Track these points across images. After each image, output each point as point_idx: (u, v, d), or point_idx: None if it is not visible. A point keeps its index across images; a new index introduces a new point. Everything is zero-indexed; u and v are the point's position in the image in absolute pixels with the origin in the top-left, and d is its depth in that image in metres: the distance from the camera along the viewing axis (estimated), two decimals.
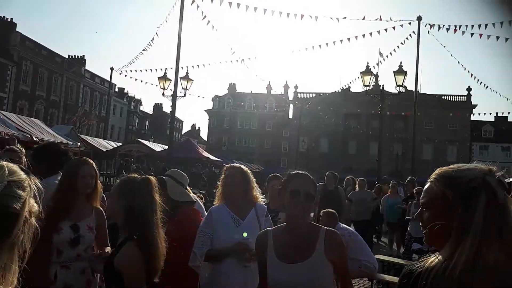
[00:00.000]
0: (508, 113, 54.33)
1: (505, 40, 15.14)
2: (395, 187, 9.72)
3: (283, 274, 1.93)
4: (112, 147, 21.74)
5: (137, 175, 2.35)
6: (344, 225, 3.94)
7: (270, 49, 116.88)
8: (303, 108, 44.27)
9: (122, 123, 54.25)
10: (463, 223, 1.14)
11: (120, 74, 20.05)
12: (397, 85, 13.43)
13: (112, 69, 22.99)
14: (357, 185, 9.57)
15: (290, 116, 54.83)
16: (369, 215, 9.17)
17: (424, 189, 1.31)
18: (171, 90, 13.99)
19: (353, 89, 34.09)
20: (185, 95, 14.96)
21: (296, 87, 52.83)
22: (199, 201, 3.56)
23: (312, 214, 2.71)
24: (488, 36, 14.37)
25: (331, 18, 14.16)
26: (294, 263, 1.93)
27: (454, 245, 1.13)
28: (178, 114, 69.49)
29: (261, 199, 2.99)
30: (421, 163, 36.15)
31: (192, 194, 3.33)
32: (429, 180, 1.29)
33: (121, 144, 25.84)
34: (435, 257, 1.17)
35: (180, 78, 14.03)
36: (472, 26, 14.96)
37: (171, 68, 14.07)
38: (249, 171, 2.99)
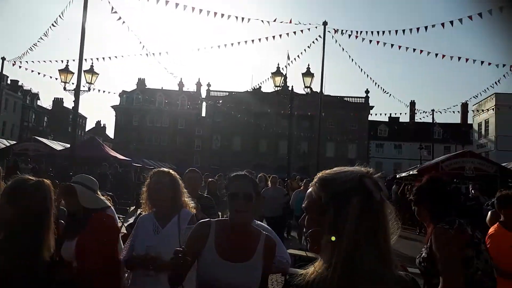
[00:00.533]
0: (400, 114, 60.55)
1: (399, 48, 16.83)
2: (308, 183, 10.18)
3: (221, 272, 1.91)
4: (5, 146, 19.54)
5: (31, 178, 2.10)
6: (259, 222, 4.02)
7: (182, 45, 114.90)
8: (216, 106, 44.32)
9: (15, 119, 48.97)
10: (335, 226, 1.10)
11: (13, 65, 17.98)
12: (305, 87, 14.10)
13: (3, 59, 20.63)
14: (269, 182, 9.84)
15: (203, 114, 54.50)
16: (280, 211, 9.50)
17: (306, 193, 1.28)
18: (73, 84, 12.99)
19: (264, 89, 35.06)
20: (89, 89, 14.02)
21: (208, 85, 52.67)
22: (111, 206, 3.35)
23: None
24: (384, 43, 15.80)
25: (243, 18, 14.33)
26: (234, 263, 1.93)
27: (330, 251, 1.10)
28: (81, 110, 64.78)
29: (191, 205, 2.87)
30: (325, 160, 38.48)
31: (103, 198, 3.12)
32: (310, 184, 1.27)
33: (15, 142, 23.43)
34: (313, 267, 1.14)
35: (84, 71, 13.08)
36: (372, 32, 16.33)
37: (74, 60, 13.06)
38: (178, 176, 2.87)
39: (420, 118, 44.52)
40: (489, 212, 5.26)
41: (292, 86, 15.58)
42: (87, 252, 2.59)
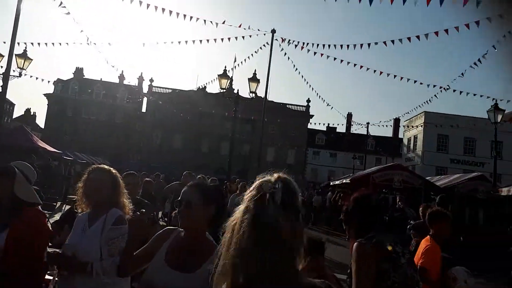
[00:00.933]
0: (338, 124, 63.30)
1: (340, 61, 17.60)
2: (245, 186, 10.22)
3: (160, 276, 1.86)
4: None
5: None
6: None
7: (125, 38, 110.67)
8: (157, 103, 43.19)
9: None
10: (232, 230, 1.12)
11: None
12: (250, 91, 14.24)
13: None
14: None
15: (144, 110, 52.84)
16: None
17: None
18: (2, 67, 12.03)
19: (209, 90, 34.85)
20: (20, 75, 13.06)
21: (151, 80, 51.22)
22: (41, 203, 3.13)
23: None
24: (328, 56, 16.42)
25: (191, 17, 14.14)
26: (176, 271, 1.87)
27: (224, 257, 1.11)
28: (9, 96, 59.87)
29: (129, 207, 2.72)
30: (265, 164, 39.12)
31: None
32: None
33: None
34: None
35: (16, 55, 12.16)
36: (318, 45, 16.92)
37: (5, 43, 12.09)
38: (118, 175, 2.73)
39: (356, 130, 46.82)
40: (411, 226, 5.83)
41: (238, 90, 15.66)
42: (17, 244, 2.41)
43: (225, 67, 14.42)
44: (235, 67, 21.30)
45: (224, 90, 14.66)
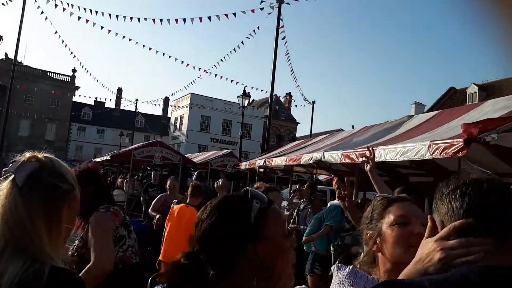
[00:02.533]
0: (105, 99, 60.45)
1: (108, 31, 16.88)
2: None
3: None
4: None
5: None
6: None
7: None
8: None
9: None
10: None
11: None
12: None
13: None
14: None
15: None
16: None
17: None
18: None
19: None
20: None
21: None
22: None
23: None
24: (94, 24, 15.39)
25: None
26: None
27: None
28: None
29: None
30: (17, 139, 33.79)
31: None
32: None
33: None
34: None
35: None
36: (85, 9, 15.62)
37: None
38: None
39: (125, 106, 45.83)
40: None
41: None
42: None
43: None
44: None
45: None
